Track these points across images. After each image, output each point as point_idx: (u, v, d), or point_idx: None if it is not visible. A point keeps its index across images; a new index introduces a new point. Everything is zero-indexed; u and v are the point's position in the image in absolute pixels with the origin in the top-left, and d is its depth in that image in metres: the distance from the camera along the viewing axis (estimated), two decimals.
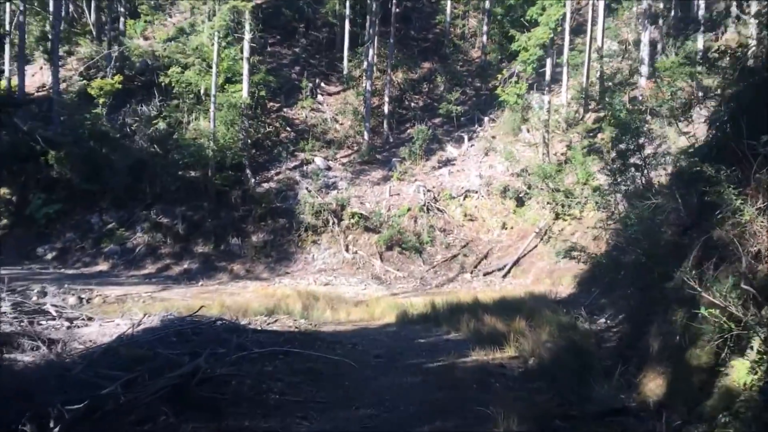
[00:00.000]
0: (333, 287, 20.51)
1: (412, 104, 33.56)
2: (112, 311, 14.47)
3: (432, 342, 12.51)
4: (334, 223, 23.53)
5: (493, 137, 29.73)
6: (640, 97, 26.01)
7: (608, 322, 14.91)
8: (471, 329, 13.09)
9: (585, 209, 22.80)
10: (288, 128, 28.61)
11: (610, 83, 27.94)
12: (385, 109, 30.84)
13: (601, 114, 27.53)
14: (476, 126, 31.69)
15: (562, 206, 23.07)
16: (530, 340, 10.92)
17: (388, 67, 31.49)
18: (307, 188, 24.52)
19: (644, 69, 26.23)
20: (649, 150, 18.46)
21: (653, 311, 8.27)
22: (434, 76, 35.34)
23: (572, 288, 20.11)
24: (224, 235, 22.95)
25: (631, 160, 18.35)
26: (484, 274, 22.52)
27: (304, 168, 26.04)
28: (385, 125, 30.89)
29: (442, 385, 8.06)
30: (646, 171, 18.41)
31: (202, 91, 26.45)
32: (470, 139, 30.36)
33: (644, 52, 26.42)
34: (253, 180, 24.71)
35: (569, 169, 23.92)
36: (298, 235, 23.17)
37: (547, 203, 24.16)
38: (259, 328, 12.34)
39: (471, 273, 22.70)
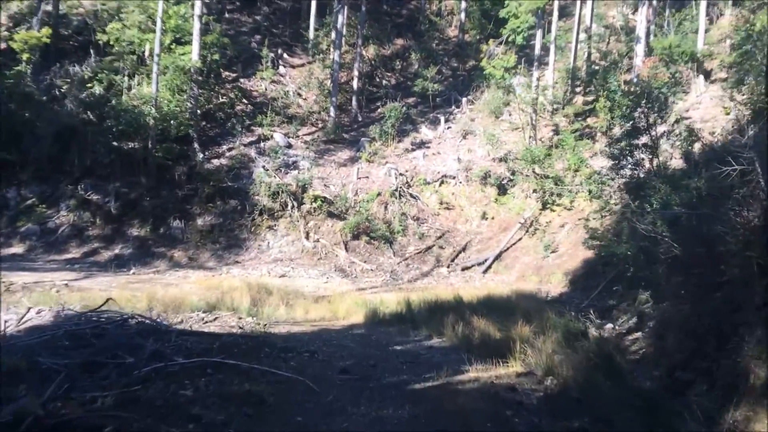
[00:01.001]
0: (290, 279, 17.93)
1: (384, 82, 31.07)
2: (12, 302, 11.64)
3: (412, 350, 10.11)
4: (293, 206, 20.91)
5: (472, 120, 27.46)
6: (635, 79, 24.02)
7: (617, 328, 12.74)
8: (458, 335, 10.75)
9: (576, 198, 20.68)
10: (245, 100, 25.82)
11: (603, 62, 25.87)
12: (354, 84, 28.27)
13: (590, 98, 25.53)
14: (453, 108, 29.42)
15: (551, 195, 20.87)
16: (542, 354, 8.57)
17: (359, 38, 28.91)
18: (263, 167, 21.83)
19: (640, 48, 24.19)
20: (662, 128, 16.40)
21: (737, 322, 5.92)
22: (408, 53, 32.90)
23: (564, 286, 17.95)
24: (164, 216, 20.10)
25: (641, 140, 16.24)
26: (463, 269, 20.21)
27: (262, 145, 23.32)
28: (353, 102, 28.31)
29: (441, 423, 5.61)
30: (657, 151, 16.30)
31: (146, 53, 23.46)
32: (447, 121, 28.07)
33: (641, 28, 24.36)
34: (201, 155, 21.89)
35: (558, 154, 21.74)
36: (251, 219, 20.47)
37: (534, 191, 21.98)
38: (191, 329, 9.71)
39: (447, 267, 20.36)
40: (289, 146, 24.00)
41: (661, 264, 10.24)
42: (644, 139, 15.61)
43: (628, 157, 16.43)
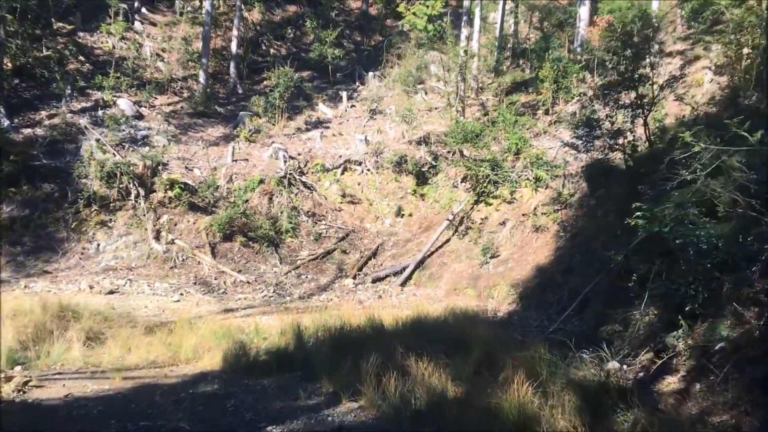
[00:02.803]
0: (122, 298, 12.55)
1: (272, 51, 26.02)
2: None
3: None
4: (139, 195, 15.44)
5: (381, 98, 22.96)
6: (579, 48, 20.43)
7: (629, 368, 8.48)
8: (390, 395, 6.04)
9: (518, 188, 16.59)
10: (82, 58, 19.95)
11: (540, 30, 22.15)
12: (233, 47, 23.04)
13: (517, 75, 21.75)
14: (357, 84, 24.86)
15: (487, 183, 16.65)
16: None
17: None
18: (98, 140, 16.17)
19: (584, 11, 20.65)
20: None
21: None
22: (302, 21, 28.04)
23: (512, 303, 13.71)
24: None
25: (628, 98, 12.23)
26: (374, 281, 15.53)
27: (99, 113, 17.67)
28: (232, 70, 23.13)
29: None
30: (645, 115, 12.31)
31: None
32: (350, 98, 23.42)
33: None
34: (7, 121, 15.95)
35: (491, 134, 17.52)
36: (74, 211, 14.81)
37: (464, 180, 17.71)
38: None
39: (354, 278, 15.62)
40: (140, 117, 18.48)
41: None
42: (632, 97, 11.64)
43: (606, 124, 12.40)
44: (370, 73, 24.86)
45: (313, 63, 24.76)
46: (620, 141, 12.51)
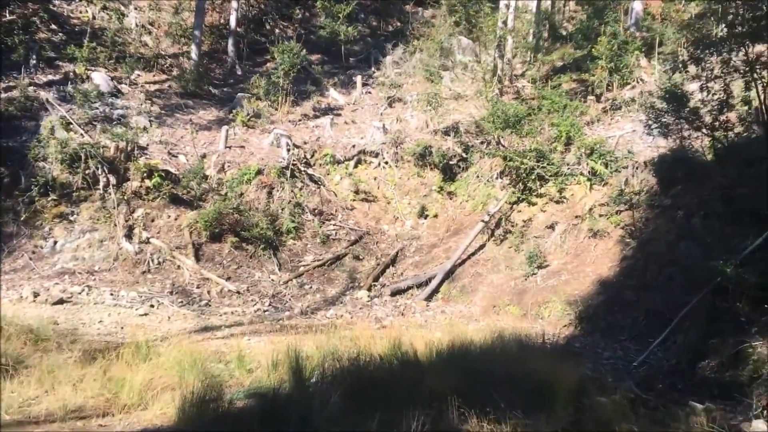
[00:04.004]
0: (73, 309, 10.08)
1: (277, 31, 23.60)
2: None
3: None
4: (109, 183, 12.98)
5: (400, 86, 20.47)
6: (632, 28, 17.94)
7: None
8: None
9: (569, 184, 14.08)
10: (55, 27, 17.59)
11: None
12: (232, 22, 20.66)
13: (563, 52, 19.27)
14: (372, 70, 22.42)
15: (530, 178, 14.12)
16: None
17: None
18: (62, 117, 13.73)
19: None
20: None
21: None
22: (312, 1, 25.63)
23: (570, 324, 11.17)
24: None
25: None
26: (393, 293, 13.02)
27: (68, 87, 15.22)
28: (230, 49, 20.76)
29: None
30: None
31: None
32: (365, 84, 20.97)
33: None
34: None
35: (536, 118, 14.93)
36: (27, 200, 12.35)
37: (501, 174, 15.17)
38: None
39: (369, 290, 13.11)
40: (117, 94, 16.09)
41: None
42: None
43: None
44: (388, 57, 22.42)
45: (323, 44, 22.37)
46: (720, 119, 9.92)
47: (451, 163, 16.27)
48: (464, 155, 16.18)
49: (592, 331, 10.72)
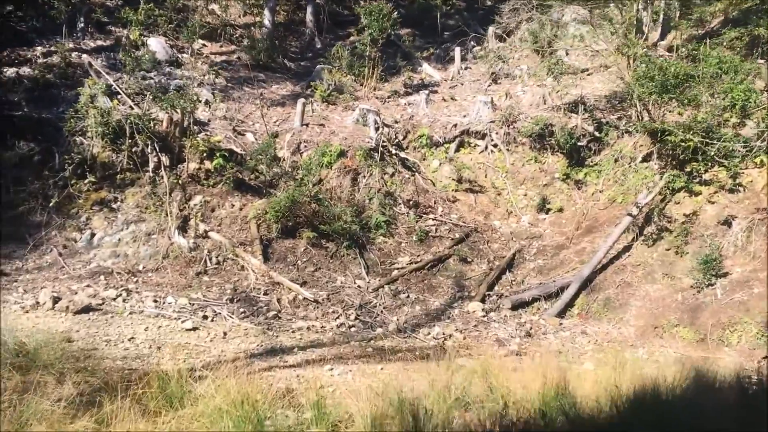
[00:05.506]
0: (100, 319, 7.86)
1: (363, 2, 21.30)
2: None
3: None
4: (160, 165, 10.86)
5: (504, 61, 17.68)
6: None
7: None
8: None
9: (745, 168, 11.00)
10: None
11: None
12: None
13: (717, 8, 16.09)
14: (472, 44, 19.79)
15: (700, 161, 11.12)
16: None
17: None
18: (109, 85, 11.73)
19: None
20: None
21: None
22: None
23: None
24: None
25: None
26: (514, 307, 10.31)
27: (117, 54, 13.24)
28: (309, 19, 18.62)
29: None
30: None
31: None
32: (464, 59, 18.36)
33: None
34: None
35: (702, 80, 11.83)
36: (61, 183, 10.37)
37: (649, 157, 12.21)
38: None
39: (483, 301, 10.43)
40: (174, 63, 14.07)
41: None
42: None
43: None
44: (491, 29, 19.71)
45: (415, 16, 19.93)
46: None
47: (579, 144, 13.42)
48: (597, 134, 13.31)
49: None
